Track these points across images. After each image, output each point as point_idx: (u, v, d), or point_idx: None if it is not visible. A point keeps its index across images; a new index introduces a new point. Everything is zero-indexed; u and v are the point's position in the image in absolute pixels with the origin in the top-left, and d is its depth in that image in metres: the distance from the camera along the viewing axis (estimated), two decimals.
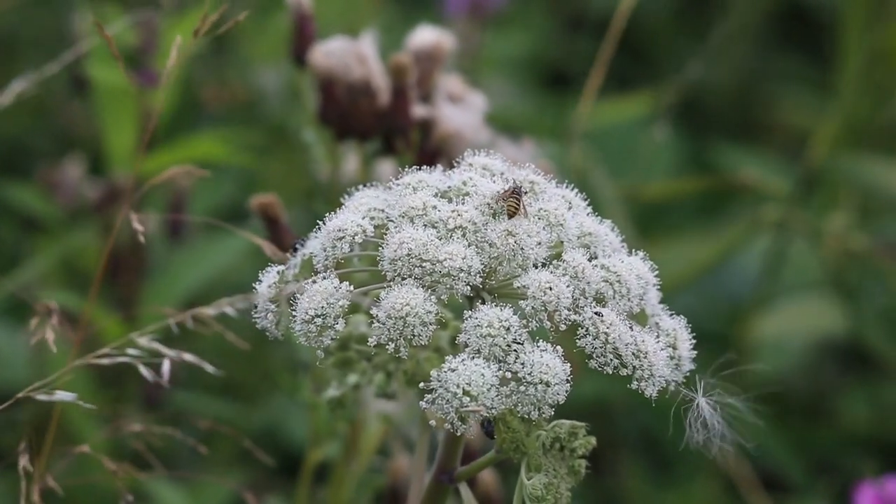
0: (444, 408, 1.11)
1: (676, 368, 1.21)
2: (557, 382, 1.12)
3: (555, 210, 1.20)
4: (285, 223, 1.60)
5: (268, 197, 1.59)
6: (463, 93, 1.78)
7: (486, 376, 1.11)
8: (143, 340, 1.30)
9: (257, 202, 1.57)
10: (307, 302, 1.15)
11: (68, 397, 1.28)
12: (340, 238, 1.18)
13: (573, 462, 1.20)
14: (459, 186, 1.21)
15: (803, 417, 2.69)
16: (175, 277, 2.15)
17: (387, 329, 1.12)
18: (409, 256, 1.14)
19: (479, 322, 1.13)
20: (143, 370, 1.30)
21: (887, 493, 1.90)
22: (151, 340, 1.30)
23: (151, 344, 1.30)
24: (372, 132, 1.74)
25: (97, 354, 1.30)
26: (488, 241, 1.16)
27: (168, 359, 1.29)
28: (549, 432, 1.19)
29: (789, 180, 2.60)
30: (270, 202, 1.58)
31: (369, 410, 1.68)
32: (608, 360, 1.15)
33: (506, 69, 3.26)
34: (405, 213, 1.18)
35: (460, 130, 1.72)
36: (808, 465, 2.52)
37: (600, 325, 1.15)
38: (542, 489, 1.17)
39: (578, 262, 1.17)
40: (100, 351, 1.30)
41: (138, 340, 1.30)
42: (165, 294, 2.13)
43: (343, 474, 1.75)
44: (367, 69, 1.72)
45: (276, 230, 1.60)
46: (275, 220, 1.59)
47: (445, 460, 1.24)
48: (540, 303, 1.14)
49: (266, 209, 1.58)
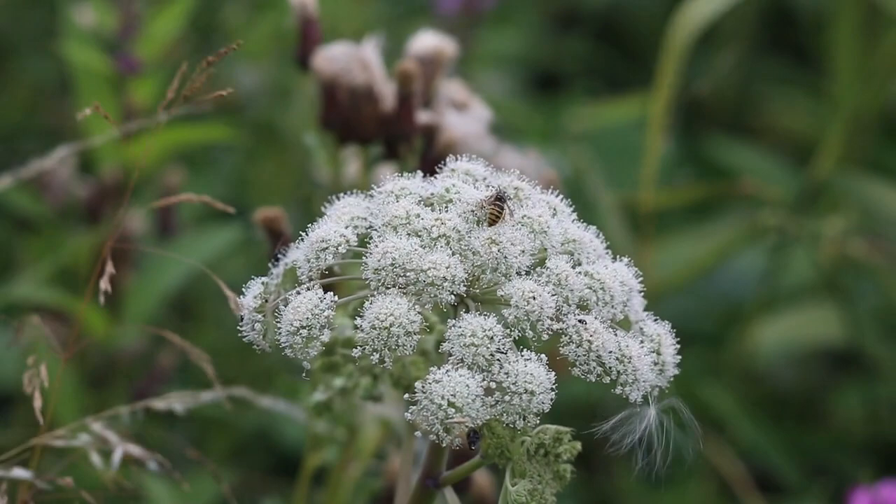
0: (429, 419, 1.11)
1: (661, 373, 1.21)
2: (542, 391, 1.12)
3: (538, 217, 1.20)
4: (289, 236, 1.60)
5: (273, 211, 1.58)
6: (467, 100, 1.78)
7: (471, 387, 1.11)
8: (97, 427, 1.32)
9: (262, 216, 1.57)
10: (292, 314, 1.14)
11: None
12: (324, 249, 1.17)
13: (558, 467, 1.20)
14: (442, 193, 1.21)
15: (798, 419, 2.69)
16: (161, 273, 2.15)
17: (371, 339, 1.12)
18: (392, 266, 1.14)
19: (462, 331, 1.12)
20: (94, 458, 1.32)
21: (881, 497, 1.90)
22: (104, 428, 1.31)
23: (104, 432, 1.31)
24: (374, 137, 1.74)
25: (52, 435, 1.32)
26: (472, 250, 1.16)
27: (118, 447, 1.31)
28: (534, 438, 1.19)
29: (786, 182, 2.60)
30: (275, 216, 1.57)
31: (365, 414, 1.68)
32: (591, 368, 1.15)
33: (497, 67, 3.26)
34: (388, 223, 1.17)
35: (465, 138, 1.72)
36: (803, 467, 2.52)
37: (583, 333, 1.15)
38: (527, 495, 1.17)
39: (562, 269, 1.17)
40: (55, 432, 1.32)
41: (92, 426, 1.32)
42: (151, 290, 2.13)
43: (339, 478, 1.74)
44: (370, 74, 1.72)
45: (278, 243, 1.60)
46: (278, 233, 1.59)
47: (431, 465, 1.24)
48: (523, 312, 1.13)
49: (271, 223, 1.58)
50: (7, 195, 2.25)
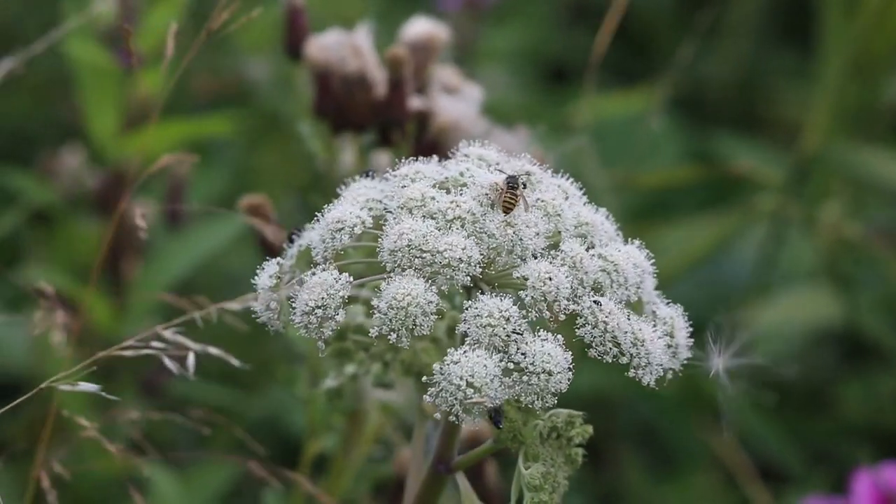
0: (448, 400, 1.11)
1: (674, 357, 1.22)
2: (560, 371, 1.12)
3: (552, 200, 1.21)
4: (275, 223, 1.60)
5: (257, 197, 1.58)
6: (459, 84, 1.78)
7: (489, 367, 1.11)
8: (168, 333, 1.31)
9: (246, 203, 1.57)
10: (307, 294, 1.15)
11: (92, 388, 1.28)
12: (340, 229, 1.18)
13: (570, 451, 1.20)
14: (457, 177, 1.21)
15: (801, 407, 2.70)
16: (166, 263, 2.15)
17: (388, 319, 1.13)
18: (408, 247, 1.14)
19: (479, 312, 1.13)
20: (167, 362, 1.31)
21: (884, 480, 1.91)
22: (175, 333, 1.31)
23: (176, 337, 1.31)
24: (368, 124, 1.74)
25: (121, 347, 1.31)
26: (487, 232, 1.16)
27: (192, 352, 1.30)
28: (547, 422, 1.19)
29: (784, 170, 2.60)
30: (260, 203, 1.57)
31: (369, 400, 1.69)
32: (607, 349, 1.16)
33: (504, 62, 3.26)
34: (404, 205, 1.18)
35: (457, 121, 1.72)
36: (806, 455, 2.53)
37: (599, 314, 1.15)
38: (540, 478, 1.18)
39: (576, 251, 1.17)
40: (125, 343, 1.31)
41: (163, 333, 1.31)
42: (157, 280, 2.13)
43: (342, 465, 1.75)
44: (362, 61, 1.72)
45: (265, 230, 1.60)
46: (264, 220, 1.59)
47: (442, 450, 1.24)
48: (540, 293, 1.14)
49: (256, 210, 1.58)
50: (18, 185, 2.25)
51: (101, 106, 2.17)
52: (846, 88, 2.47)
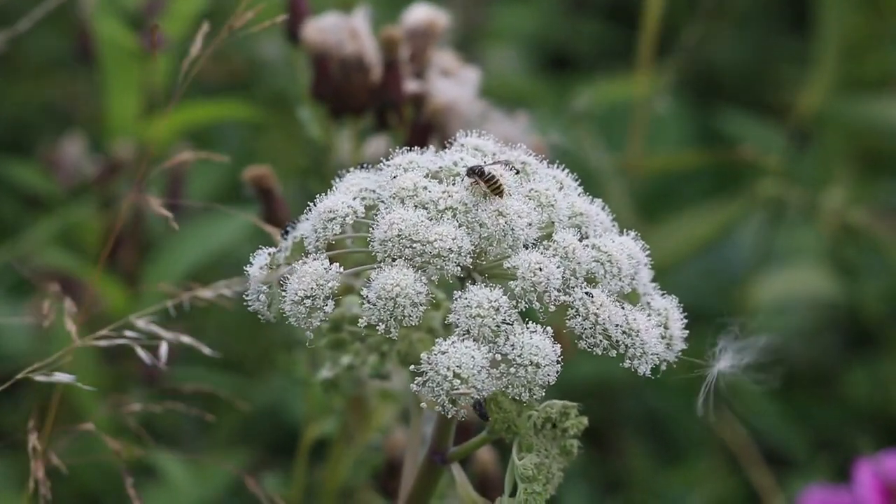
0: (434, 391, 1.11)
1: (668, 348, 1.21)
2: (548, 364, 1.12)
3: (546, 190, 1.20)
4: (279, 195, 1.60)
5: (261, 169, 1.58)
6: (456, 67, 1.77)
7: (476, 359, 1.11)
8: (141, 322, 1.30)
9: (250, 174, 1.57)
10: (297, 283, 1.14)
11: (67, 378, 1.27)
12: (331, 219, 1.17)
13: (565, 442, 1.20)
14: (450, 167, 1.21)
15: (805, 393, 2.69)
16: (176, 255, 2.15)
17: (377, 310, 1.12)
18: (399, 237, 1.14)
19: (468, 302, 1.12)
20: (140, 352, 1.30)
21: (886, 468, 1.90)
22: (149, 323, 1.30)
23: (149, 326, 1.30)
24: (365, 108, 1.73)
25: (95, 336, 1.30)
26: (479, 222, 1.16)
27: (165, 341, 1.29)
28: (541, 412, 1.19)
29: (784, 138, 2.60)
30: (263, 174, 1.57)
31: (369, 388, 1.68)
32: (598, 342, 1.15)
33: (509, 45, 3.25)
34: (396, 194, 1.17)
35: (453, 103, 1.71)
36: (810, 441, 2.52)
37: (590, 306, 1.15)
38: (534, 469, 1.18)
39: (569, 242, 1.17)
40: (98, 333, 1.30)
41: (136, 322, 1.30)
42: (167, 272, 2.13)
43: (341, 452, 1.75)
44: (359, 44, 1.72)
45: (270, 202, 1.60)
46: (268, 192, 1.59)
47: (438, 440, 1.24)
48: (530, 283, 1.13)
49: (259, 181, 1.58)
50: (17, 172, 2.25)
51: (123, 87, 2.17)
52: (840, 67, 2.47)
